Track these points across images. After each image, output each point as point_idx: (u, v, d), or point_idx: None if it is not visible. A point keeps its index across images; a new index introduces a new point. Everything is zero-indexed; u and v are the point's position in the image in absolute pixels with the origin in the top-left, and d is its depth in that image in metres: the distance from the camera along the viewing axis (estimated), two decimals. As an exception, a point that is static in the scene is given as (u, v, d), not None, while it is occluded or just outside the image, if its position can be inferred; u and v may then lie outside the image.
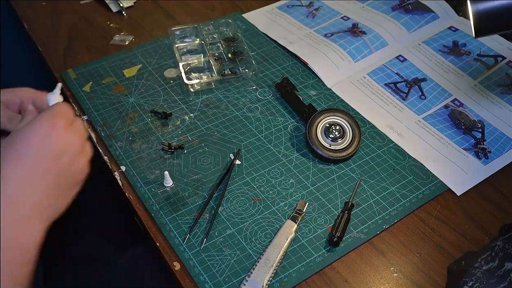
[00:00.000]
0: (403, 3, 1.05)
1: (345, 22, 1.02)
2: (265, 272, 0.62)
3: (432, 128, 0.82)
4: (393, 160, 0.78)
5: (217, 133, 0.81)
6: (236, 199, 0.72)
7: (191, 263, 0.64)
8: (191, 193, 0.72)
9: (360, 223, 0.69)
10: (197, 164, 0.76)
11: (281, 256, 0.64)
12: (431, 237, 0.69)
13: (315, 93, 0.89)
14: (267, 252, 0.64)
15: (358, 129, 0.78)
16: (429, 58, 0.94)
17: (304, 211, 0.69)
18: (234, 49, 0.94)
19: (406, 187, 0.74)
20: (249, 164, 0.77)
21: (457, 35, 0.99)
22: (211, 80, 0.88)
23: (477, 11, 0.61)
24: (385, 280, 0.64)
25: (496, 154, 0.78)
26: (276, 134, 0.81)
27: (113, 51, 0.97)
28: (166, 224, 0.68)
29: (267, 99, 0.87)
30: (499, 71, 0.91)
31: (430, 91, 0.88)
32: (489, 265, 0.59)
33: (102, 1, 1.08)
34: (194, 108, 0.85)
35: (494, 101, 0.86)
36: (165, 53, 0.96)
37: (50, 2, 1.08)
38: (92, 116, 0.84)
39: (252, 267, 0.63)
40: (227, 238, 0.67)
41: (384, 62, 0.94)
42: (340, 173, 0.76)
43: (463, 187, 0.75)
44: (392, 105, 0.87)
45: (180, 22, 1.04)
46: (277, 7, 1.09)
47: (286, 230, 0.66)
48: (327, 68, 0.92)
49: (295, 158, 0.78)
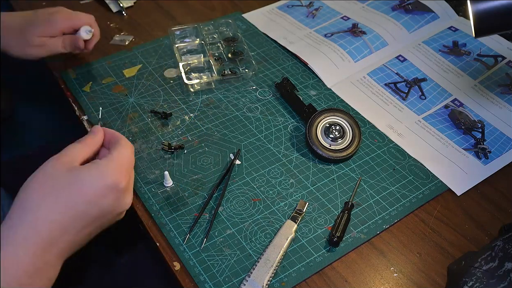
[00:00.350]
0: (403, 3, 1.05)
1: (345, 22, 1.02)
2: (265, 272, 0.62)
3: (432, 128, 0.82)
4: (393, 160, 0.78)
5: (217, 133, 0.81)
6: (236, 199, 0.72)
7: (191, 263, 0.64)
8: (191, 193, 0.72)
9: (360, 223, 0.69)
10: (197, 164, 0.76)
11: (281, 256, 0.64)
12: (431, 237, 0.69)
13: (315, 93, 0.89)
14: (267, 252, 0.64)
15: (358, 129, 0.78)
16: (429, 58, 0.94)
17: (304, 211, 0.69)
18: (234, 49, 0.94)
19: (406, 187, 0.74)
20: (249, 164, 0.77)
21: (457, 35, 0.99)
22: (211, 80, 0.88)
23: (477, 11, 0.61)
24: (385, 280, 0.64)
25: (496, 154, 0.78)
26: (276, 134, 0.81)
27: (113, 51, 0.97)
28: (166, 224, 0.68)
29: (267, 99, 0.87)
30: (499, 71, 0.91)
31: (430, 91, 0.88)
32: (489, 265, 0.59)
33: (102, 1, 1.08)
34: (194, 108, 0.85)
35: (494, 101, 0.86)
36: (165, 53, 0.96)
37: (50, 2, 1.08)
38: (92, 116, 0.84)
39: (252, 267, 0.63)
40: (227, 238, 0.67)
41: (384, 62, 0.94)
42: (340, 173, 0.76)
43: (463, 187, 0.75)
44: (392, 105, 0.87)
45: (180, 22, 1.04)
46: (277, 7, 1.09)
47: (286, 230, 0.66)
48: (327, 68, 0.92)
49: (295, 158, 0.78)
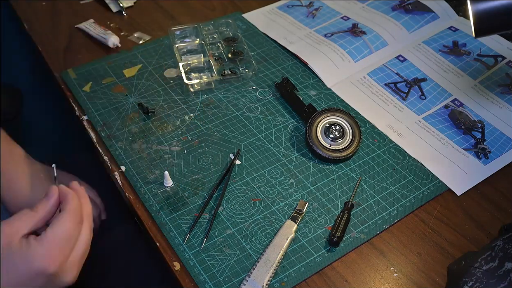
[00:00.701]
0: (403, 3, 1.05)
1: (345, 22, 1.02)
2: (265, 272, 0.62)
3: (432, 128, 0.82)
4: (393, 160, 0.78)
5: (217, 133, 0.81)
6: (236, 199, 0.72)
7: (191, 263, 0.64)
8: (191, 193, 0.72)
9: (360, 223, 0.69)
10: (197, 164, 0.76)
11: (281, 256, 0.64)
12: (431, 237, 0.69)
13: (315, 93, 0.89)
14: (267, 252, 0.64)
15: (358, 129, 0.78)
16: (429, 58, 0.94)
17: (304, 211, 0.69)
18: (234, 49, 0.94)
19: (406, 187, 0.74)
20: (249, 164, 0.77)
21: (457, 35, 0.99)
22: (211, 80, 0.88)
23: (477, 11, 0.61)
24: (385, 280, 0.64)
25: (496, 154, 0.78)
26: (276, 134, 0.81)
27: (113, 51, 0.97)
28: (166, 224, 0.68)
29: (267, 99, 0.87)
30: (499, 71, 0.91)
31: (430, 91, 0.88)
32: (489, 265, 0.59)
33: (102, 1, 1.08)
34: (194, 108, 0.85)
35: (494, 101, 0.86)
36: (165, 53, 0.96)
37: (50, 2, 1.08)
38: (92, 117, 0.84)
39: (252, 267, 0.63)
40: (227, 238, 0.67)
41: (384, 62, 0.94)
42: (340, 173, 0.76)
43: (463, 187, 0.75)
44: (392, 105, 0.87)
45: (180, 22, 1.04)
46: (277, 7, 1.09)
47: (286, 230, 0.66)
48: (327, 68, 0.92)
49: (295, 158, 0.78)
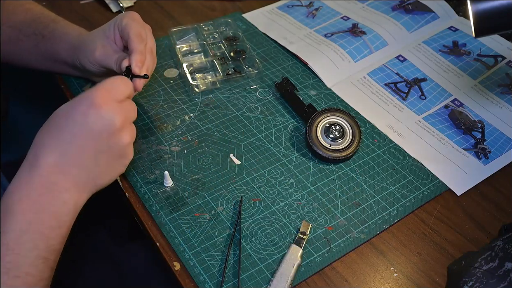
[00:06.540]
0: (403, 3, 1.05)
1: (345, 22, 1.02)
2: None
3: (432, 128, 0.82)
4: (393, 160, 0.78)
5: (217, 133, 0.81)
6: (236, 199, 0.72)
7: (191, 263, 0.64)
8: (191, 193, 0.72)
9: (360, 223, 0.69)
10: (197, 164, 0.76)
11: (289, 285, 0.61)
12: (431, 237, 0.69)
13: (315, 93, 0.89)
14: (274, 282, 0.61)
15: (358, 129, 0.78)
16: (429, 58, 0.94)
17: (308, 233, 0.66)
18: (236, 48, 0.94)
19: (406, 187, 0.74)
20: (249, 164, 0.77)
21: (457, 35, 0.99)
22: (216, 80, 0.88)
23: (477, 11, 0.61)
24: (385, 280, 0.64)
25: (496, 154, 0.78)
26: (276, 134, 0.81)
27: (113, 51, 0.97)
28: (166, 224, 0.68)
29: (267, 99, 0.87)
30: (499, 71, 0.91)
31: (430, 91, 0.88)
32: (489, 265, 0.59)
33: (102, 1, 1.08)
34: (194, 108, 0.85)
35: (494, 101, 0.86)
36: (165, 53, 0.96)
37: (50, 2, 1.07)
38: (92, 116, 0.83)
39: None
40: (227, 238, 0.67)
41: (384, 62, 0.94)
42: (340, 173, 0.76)
43: (463, 187, 0.75)
44: (392, 105, 0.87)
45: (180, 22, 1.04)
46: (277, 7, 1.09)
47: (292, 256, 0.63)
48: (327, 68, 0.92)
49: (295, 158, 0.78)
